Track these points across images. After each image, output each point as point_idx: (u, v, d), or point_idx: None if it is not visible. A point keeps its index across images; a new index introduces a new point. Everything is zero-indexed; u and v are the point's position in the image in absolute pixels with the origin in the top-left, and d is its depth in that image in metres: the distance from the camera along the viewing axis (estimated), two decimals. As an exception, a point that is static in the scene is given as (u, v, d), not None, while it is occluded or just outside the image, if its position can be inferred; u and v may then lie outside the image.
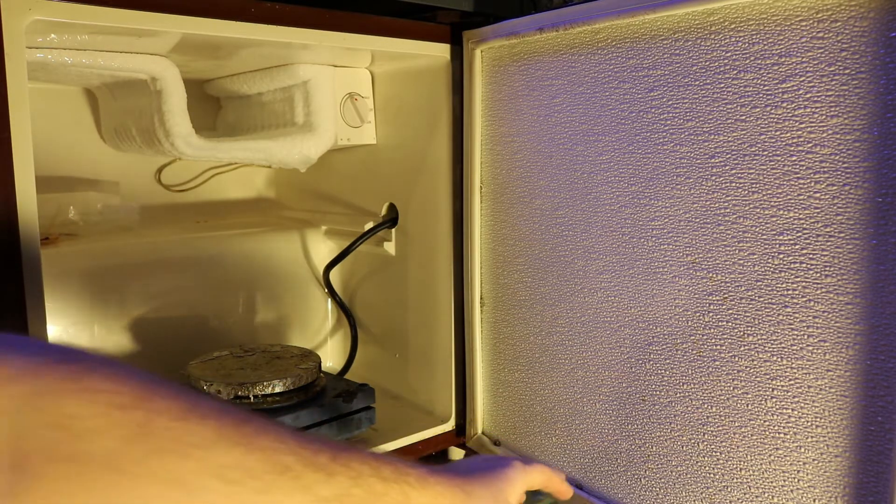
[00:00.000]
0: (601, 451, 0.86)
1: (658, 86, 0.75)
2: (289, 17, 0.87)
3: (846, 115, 0.61)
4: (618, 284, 0.82)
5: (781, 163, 0.66)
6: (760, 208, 0.67)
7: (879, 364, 0.60)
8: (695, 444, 0.75)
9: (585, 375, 0.87)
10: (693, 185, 0.73)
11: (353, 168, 1.22)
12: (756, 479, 0.70)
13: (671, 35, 0.74)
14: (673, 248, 0.75)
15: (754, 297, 0.69)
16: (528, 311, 0.94)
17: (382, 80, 1.14)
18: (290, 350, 1.07)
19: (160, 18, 0.78)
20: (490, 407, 1.03)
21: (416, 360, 1.15)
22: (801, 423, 0.66)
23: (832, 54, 0.61)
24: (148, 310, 1.11)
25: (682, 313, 0.75)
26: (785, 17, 0.65)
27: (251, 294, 1.22)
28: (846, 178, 0.61)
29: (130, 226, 1.17)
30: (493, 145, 0.97)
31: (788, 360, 0.67)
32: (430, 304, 1.10)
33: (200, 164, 1.28)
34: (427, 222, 1.08)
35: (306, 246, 1.27)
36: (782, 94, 0.65)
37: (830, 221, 0.63)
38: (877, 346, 0.60)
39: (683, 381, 0.76)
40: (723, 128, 0.70)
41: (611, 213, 0.82)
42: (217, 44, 0.90)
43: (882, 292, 0.60)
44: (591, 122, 0.83)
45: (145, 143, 1.03)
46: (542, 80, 0.88)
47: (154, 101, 0.98)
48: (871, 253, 0.60)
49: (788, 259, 0.66)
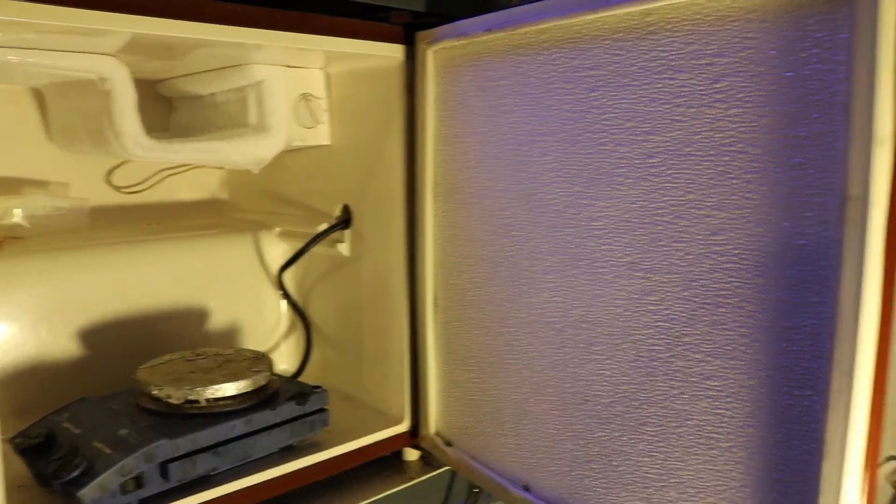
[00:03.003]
0: (547, 452, 0.86)
1: (599, 86, 0.76)
2: (241, 17, 0.86)
3: (775, 116, 0.61)
4: (562, 285, 0.82)
5: (715, 163, 0.66)
6: (696, 208, 0.68)
7: (805, 364, 0.60)
8: (634, 444, 0.75)
9: (532, 376, 0.87)
10: (632, 186, 0.73)
11: (307, 169, 1.21)
12: (692, 478, 0.70)
13: (611, 36, 0.74)
14: (613, 249, 0.76)
15: (690, 298, 0.69)
16: (478, 312, 0.94)
17: (337, 81, 1.14)
18: (243, 353, 1.06)
19: (109, 18, 0.77)
20: (442, 408, 1.03)
21: (370, 362, 1.14)
22: (733, 423, 0.66)
23: (762, 54, 0.62)
24: (97, 314, 1.10)
25: (621, 314, 0.75)
26: (718, 18, 0.65)
27: (204, 297, 1.21)
28: (776, 178, 0.62)
29: (80, 228, 1.15)
30: (445, 146, 0.97)
31: (722, 360, 0.67)
32: (385, 306, 1.09)
33: (152, 166, 1.26)
34: (381, 223, 1.08)
35: (260, 248, 1.26)
36: (715, 94, 0.65)
37: (761, 221, 0.63)
38: (802, 346, 0.60)
39: (623, 381, 0.76)
40: (660, 128, 0.70)
41: (555, 214, 0.82)
42: (168, 44, 0.89)
43: (808, 292, 0.60)
44: (536, 122, 0.83)
45: (94, 144, 1.02)
46: (491, 80, 0.88)
47: (103, 102, 0.97)
48: (798, 253, 0.60)
49: (722, 259, 0.66)
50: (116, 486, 0.80)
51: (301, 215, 1.23)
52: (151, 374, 0.97)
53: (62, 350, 1.07)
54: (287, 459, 0.95)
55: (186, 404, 0.92)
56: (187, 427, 0.87)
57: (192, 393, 0.93)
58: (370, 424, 1.07)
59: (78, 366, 1.07)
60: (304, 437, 0.99)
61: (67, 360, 1.07)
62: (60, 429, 0.88)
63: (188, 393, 0.92)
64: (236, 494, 0.89)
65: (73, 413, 0.92)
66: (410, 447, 1.10)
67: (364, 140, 1.10)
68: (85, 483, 0.78)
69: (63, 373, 1.07)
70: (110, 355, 1.09)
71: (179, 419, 0.89)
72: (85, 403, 0.94)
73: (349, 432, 1.04)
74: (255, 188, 1.33)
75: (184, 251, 1.19)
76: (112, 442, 0.83)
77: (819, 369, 0.59)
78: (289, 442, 0.98)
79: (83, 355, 1.08)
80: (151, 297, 1.15)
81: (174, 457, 0.84)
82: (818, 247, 0.59)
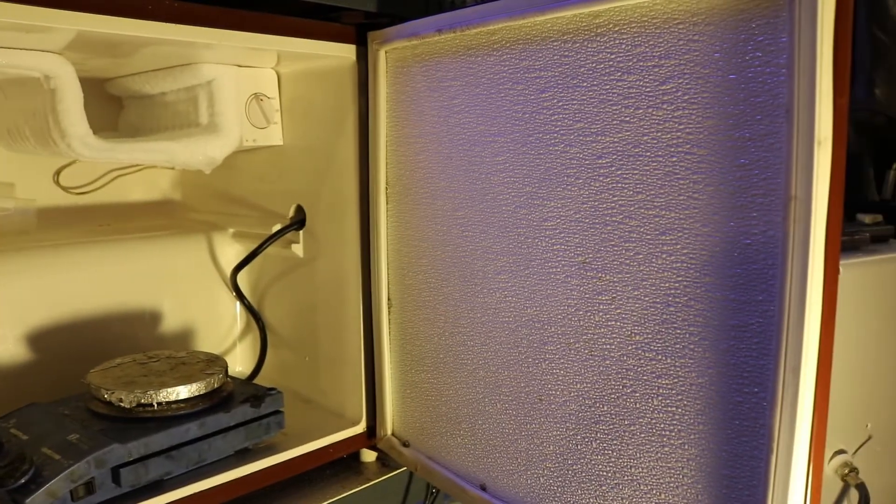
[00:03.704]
0: (503, 451, 0.86)
1: (549, 87, 0.76)
2: (190, 16, 0.85)
3: (720, 117, 0.62)
4: (515, 284, 0.82)
5: (663, 163, 0.67)
6: (645, 209, 0.68)
7: (752, 361, 0.61)
8: (588, 442, 0.76)
9: (486, 375, 0.87)
10: (582, 186, 0.74)
11: (259, 169, 1.20)
12: (645, 476, 0.71)
13: (560, 37, 0.74)
14: (565, 249, 0.76)
15: (640, 297, 0.70)
16: (433, 312, 0.94)
17: (289, 81, 1.13)
18: (197, 355, 1.05)
19: (53, 14, 0.75)
20: (399, 408, 1.03)
21: (326, 363, 1.14)
22: (684, 421, 0.67)
23: (706, 56, 0.63)
24: (46, 317, 1.07)
25: (574, 313, 0.76)
26: (664, 20, 0.65)
27: (157, 299, 1.19)
28: (721, 178, 0.63)
29: (28, 229, 1.13)
30: (398, 146, 0.96)
31: (672, 359, 0.68)
32: (339, 306, 1.09)
33: (102, 166, 1.24)
34: (335, 224, 1.08)
35: (213, 249, 1.25)
36: (662, 95, 0.66)
37: (708, 221, 0.64)
38: (749, 344, 0.62)
39: (577, 380, 0.76)
40: (609, 129, 0.71)
41: (507, 214, 0.82)
42: (115, 42, 0.87)
43: (753, 291, 0.61)
44: (488, 122, 0.83)
45: (40, 143, 1.00)
46: (443, 80, 0.88)
47: (48, 101, 0.95)
48: (744, 252, 0.61)
49: (671, 259, 0.67)
50: (66, 493, 0.78)
51: (255, 216, 1.22)
52: (103, 378, 0.95)
53: (9, 354, 1.04)
54: (242, 462, 0.94)
55: (139, 408, 0.91)
56: (140, 431, 0.86)
57: (145, 396, 0.91)
58: (327, 426, 1.07)
59: (26, 370, 1.05)
60: (260, 439, 0.99)
61: (15, 364, 1.04)
62: (7, 435, 0.86)
63: (140, 396, 0.91)
64: (190, 499, 0.88)
65: (21, 419, 0.90)
66: (367, 448, 1.10)
67: (316, 140, 1.09)
68: (32, 490, 0.77)
69: (10, 377, 1.04)
70: (60, 359, 1.07)
71: (132, 423, 0.88)
72: (33, 409, 0.92)
73: (305, 434, 1.04)
74: (208, 189, 1.31)
75: (135, 252, 1.17)
76: (61, 447, 0.82)
77: (766, 366, 0.60)
78: (244, 445, 0.97)
79: (31, 359, 1.06)
80: (102, 299, 1.13)
81: (126, 461, 0.83)
82: (763, 246, 0.60)
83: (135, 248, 1.18)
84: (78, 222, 1.24)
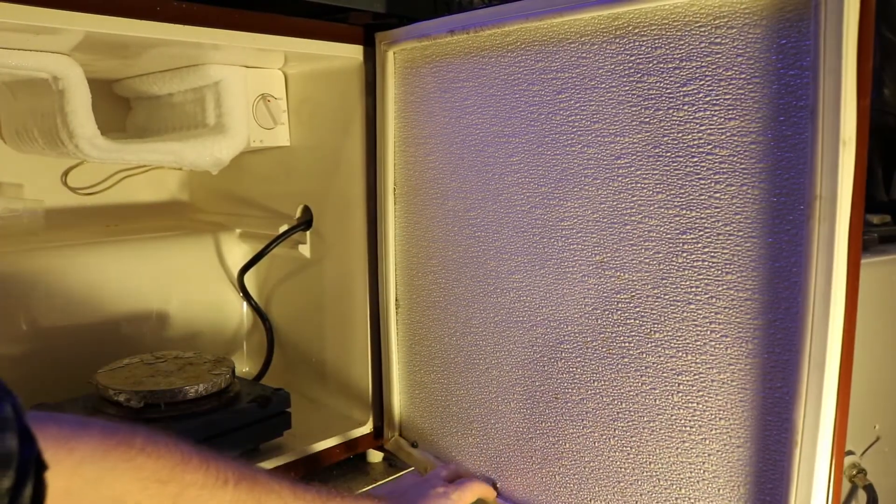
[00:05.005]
0: (516, 450, 0.87)
1: (566, 88, 0.77)
2: (198, 17, 0.85)
3: (743, 119, 0.63)
4: (529, 284, 0.83)
5: (684, 164, 0.67)
6: (664, 208, 0.69)
7: (776, 357, 0.62)
8: (606, 439, 0.77)
9: (499, 375, 0.87)
10: (600, 186, 0.74)
11: (267, 170, 1.20)
12: (665, 471, 0.72)
13: (578, 39, 0.75)
14: (582, 248, 0.77)
15: (660, 295, 0.71)
16: (443, 312, 0.94)
17: (296, 82, 1.13)
18: (203, 356, 1.05)
19: (62, 16, 0.75)
20: (407, 409, 1.03)
21: (332, 363, 1.14)
22: (705, 417, 0.68)
23: (729, 59, 0.64)
24: (55, 317, 1.07)
25: (591, 312, 0.77)
26: (685, 23, 0.66)
27: (164, 300, 1.19)
28: (744, 178, 0.64)
29: (36, 230, 1.13)
30: (407, 147, 0.97)
31: (693, 356, 0.69)
32: (346, 307, 1.09)
33: (110, 167, 1.24)
34: (342, 224, 1.08)
35: (220, 249, 1.25)
36: (683, 97, 0.67)
37: (730, 220, 0.65)
38: (773, 340, 0.63)
39: (594, 378, 0.77)
40: (628, 130, 0.72)
41: (522, 214, 0.83)
42: (123, 43, 0.87)
43: (778, 288, 0.62)
44: (501, 124, 0.84)
45: (48, 144, 1.00)
46: (454, 82, 0.89)
47: (57, 102, 0.95)
48: (768, 251, 0.62)
49: (691, 257, 0.68)
50: (75, 494, 0.78)
51: (262, 217, 1.22)
52: (110, 378, 0.95)
53: (17, 355, 1.04)
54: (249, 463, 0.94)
55: (146, 408, 0.91)
56: (147, 432, 0.86)
57: (152, 396, 0.91)
58: (333, 427, 1.07)
59: (34, 370, 1.05)
60: (267, 439, 0.99)
61: (23, 364, 1.04)
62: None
63: (148, 397, 0.91)
64: (201, 500, 0.88)
65: (29, 420, 0.89)
66: (374, 449, 1.10)
67: (324, 141, 1.10)
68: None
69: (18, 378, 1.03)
70: (67, 359, 1.07)
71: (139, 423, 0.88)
72: (42, 409, 0.92)
73: (312, 435, 1.04)
74: (216, 190, 1.31)
75: (143, 253, 1.17)
76: (71, 449, 0.82)
77: (790, 362, 0.61)
78: (251, 445, 0.97)
79: (41, 359, 1.06)
80: (110, 299, 1.13)
81: (135, 462, 0.83)
82: (787, 244, 0.61)
83: (142, 249, 1.17)
84: (85, 223, 1.24)
